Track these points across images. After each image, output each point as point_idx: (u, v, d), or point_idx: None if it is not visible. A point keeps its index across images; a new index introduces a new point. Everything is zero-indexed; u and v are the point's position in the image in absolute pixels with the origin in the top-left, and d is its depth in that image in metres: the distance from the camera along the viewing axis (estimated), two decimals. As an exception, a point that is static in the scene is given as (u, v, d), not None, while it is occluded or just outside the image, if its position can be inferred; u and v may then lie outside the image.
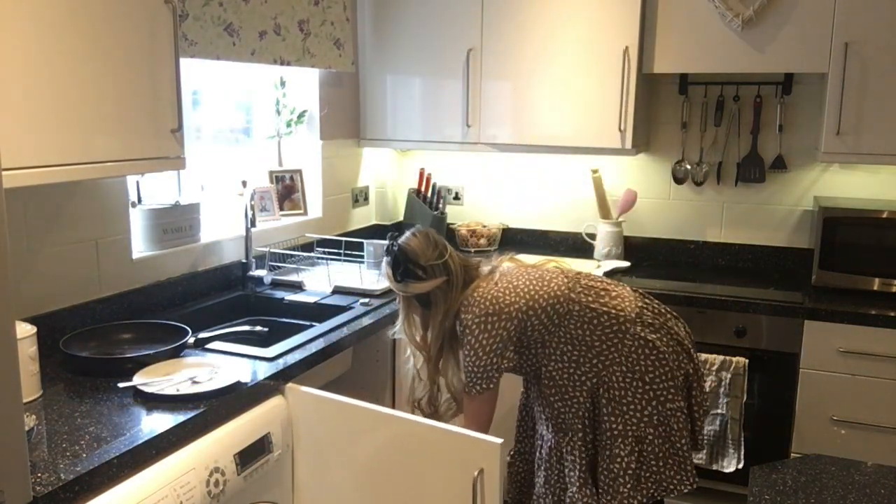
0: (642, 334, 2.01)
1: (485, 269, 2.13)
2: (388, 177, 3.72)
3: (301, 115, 3.15)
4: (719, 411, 2.68)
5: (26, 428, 1.30)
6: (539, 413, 2.17)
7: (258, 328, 2.32)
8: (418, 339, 2.14)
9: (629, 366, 2.00)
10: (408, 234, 2.12)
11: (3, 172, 1.28)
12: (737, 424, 2.66)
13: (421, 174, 3.56)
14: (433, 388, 2.18)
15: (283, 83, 3.08)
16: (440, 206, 3.52)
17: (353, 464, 1.89)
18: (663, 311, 2.12)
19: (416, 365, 2.19)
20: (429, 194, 3.54)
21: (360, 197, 3.53)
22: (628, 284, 2.86)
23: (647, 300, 2.13)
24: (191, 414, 1.63)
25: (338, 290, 2.66)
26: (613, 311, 2.02)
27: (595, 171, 3.27)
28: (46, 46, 1.58)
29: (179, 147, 1.94)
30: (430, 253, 2.06)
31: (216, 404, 1.70)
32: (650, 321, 2.05)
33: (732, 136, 3.18)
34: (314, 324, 2.36)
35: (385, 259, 2.12)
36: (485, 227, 3.50)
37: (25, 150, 1.55)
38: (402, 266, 2.04)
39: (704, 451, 2.72)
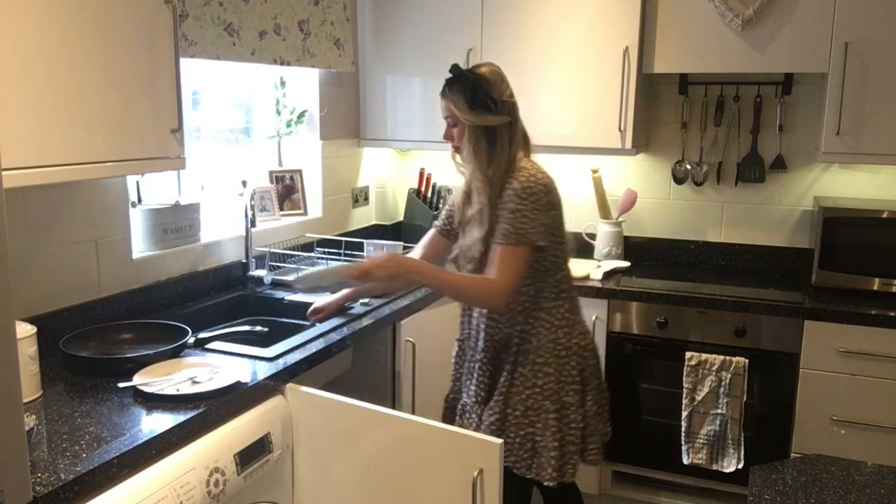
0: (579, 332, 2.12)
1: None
2: (388, 177, 3.72)
3: (301, 115, 3.15)
4: (719, 411, 2.68)
5: (26, 428, 1.30)
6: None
7: (258, 328, 2.32)
8: (489, 171, 2.05)
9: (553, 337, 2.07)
10: (479, 64, 2.11)
11: (3, 172, 1.28)
12: (737, 424, 2.66)
13: (421, 174, 3.56)
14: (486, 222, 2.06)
15: (283, 83, 3.08)
16: (440, 206, 3.52)
17: (353, 464, 1.89)
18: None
19: (461, 206, 2.17)
20: (429, 194, 3.54)
21: (360, 197, 3.53)
22: (628, 284, 2.89)
23: None
24: (191, 414, 1.63)
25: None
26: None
27: (595, 171, 3.27)
28: (46, 47, 1.58)
29: (179, 147, 1.94)
30: (503, 88, 2.06)
31: (216, 404, 1.70)
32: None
33: (732, 136, 3.18)
34: (314, 324, 2.36)
35: (450, 87, 2.07)
36: (485, 227, 3.50)
37: (25, 150, 1.55)
38: (477, 95, 2.02)
39: (704, 451, 2.72)
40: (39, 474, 1.36)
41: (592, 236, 3.35)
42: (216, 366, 1.88)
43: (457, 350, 2.30)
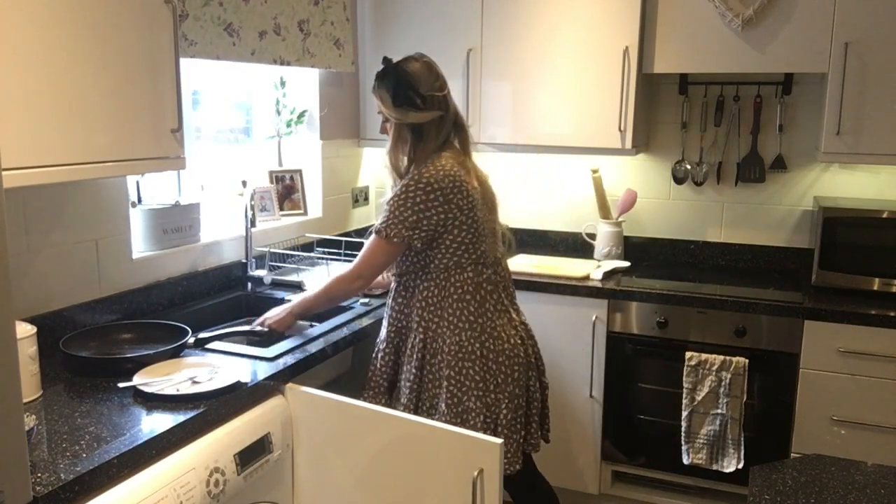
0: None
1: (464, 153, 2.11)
2: (388, 177, 3.71)
3: (301, 115, 3.15)
4: (719, 411, 2.68)
5: (26, 428, 1.30)
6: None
7: (258, 328, 2.32)
8: (403, 169, 2.09)
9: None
10: (408, 57, 2.04)
11: (3, 172, 1.28)
12: (737, 424, 2.66)
13: (421, 174, 3.55)
14: None
15: (283, 83, 3.08)
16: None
17: (352, 464, 1.89)
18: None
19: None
20: (429, 194, 3.53)
21: (360, 197, 3.53)
22: (628, 284, 2.88)
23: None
24: (191, 414, 1.63)
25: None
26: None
27: (595, 171, 3.27)
28: (46, 46, 1.58)
29: (179, 147, 1.94)
30: (432, 82, 1.99)
31: (216, 404, 1.70)
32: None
33: (732, 136, 3.18)
34: (314, 324, 2.36)
35: (378, 82, 2.02)
36: (485, 227, 3.50)
37: (25, 150, 1.55)
38: (403, 92, 1.97)
39: (704, 451, 2.72)
40: (39, 474, 1.36)
41: (592, 236, 3.35)
42: (216, 366, 1.88)
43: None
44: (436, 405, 2.07)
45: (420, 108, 1.99)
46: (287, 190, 3.13)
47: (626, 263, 3.16)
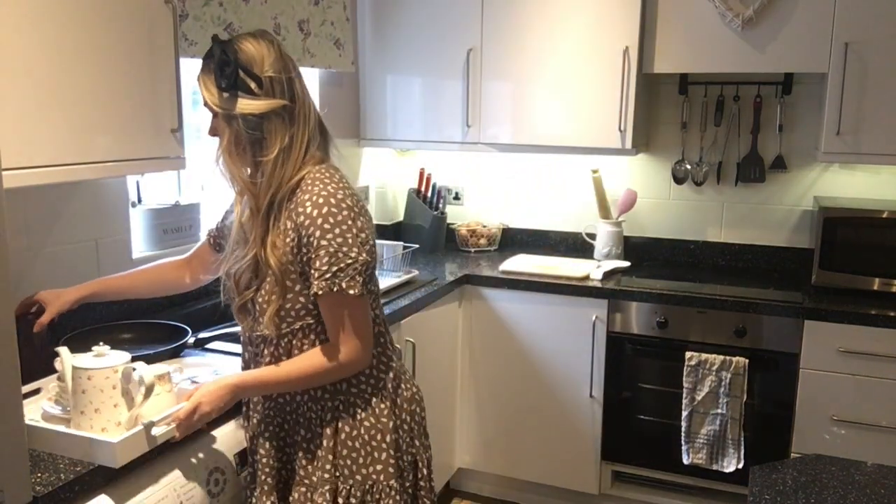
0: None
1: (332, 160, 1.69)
2: (388, 177, 3.72)
3: (301, 115, 3.14)
4: (719, 411, 2.68)
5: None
6: None
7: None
8: (246, 176, 1.57)
9: None
10: (246, 34, 1.57)
11: (3, 172, 1.28)
12: (737, 424, 2.66)
13: (421, 174, 3.56)
14: (255, 260, 1.57)
15: (283, 83, 3.07)
16: (440, 206, 3.52)
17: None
18: None
19: (238, 217, 1.62)
20: (429, 194, 3.54)
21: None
22: (628, 284, 2.88)
23: None
24: (191, 414, 1.63)
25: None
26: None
27: (595, 171, 3.27)
28: (46, 46, 1.58)
29: (179, 147, 1.94)
30: (271, 61, 1.53)
31: (216, 404, 1.69)
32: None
33: (732, 136, 3.18)
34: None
35: (205, 61, 1.55)
36: (485, 227, 3.50)
37: (25, 150, 1.55)
38: (231, 70, 1.49)
39: (704, 451, 2.72)
40: (39, 474, 1.36)
41: (592, 236, 3.35)
42: (216, 366, 1.88)
43: None
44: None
45: (254, 94, 1.52)
46: (287, 190, 3.12)
47: (626, 263, 3.16)
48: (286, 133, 1.57)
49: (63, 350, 1.51)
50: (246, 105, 1.52)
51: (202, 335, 2.09)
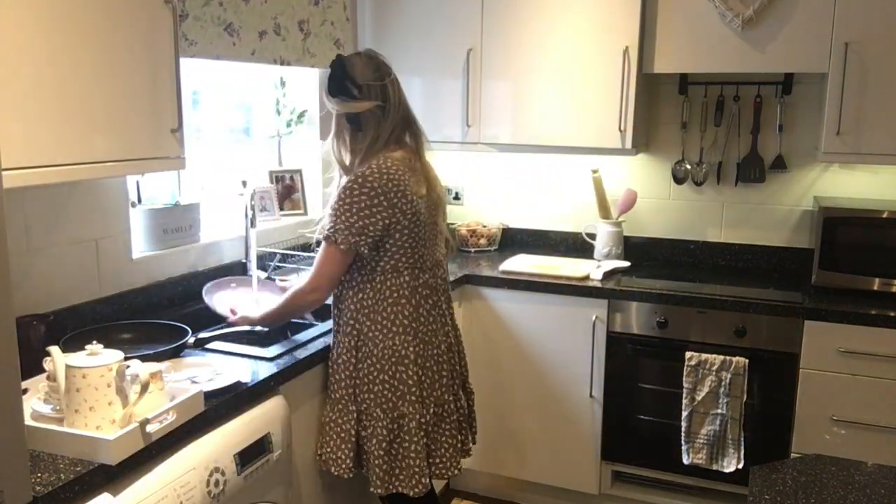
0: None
1: (412, 149, 2.07)
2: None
3: (301, 115, 3.15)
4: (719, 411, 2.68)
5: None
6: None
7: (258, 328, 2.32)
8: (346, 161, 2.05)
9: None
10: (354, 53, 2.07)
11: (3, 172, 1.28)
12: (737, 424, 2.66)
13: (421, 174, 3.55)
14: None
15: (283, 83, 3.08)
16: (440, 206, 3.52)
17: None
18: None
19: (337, 187, 2.06)
20: (429, 194, 3.53)
21: (360, 197, 3.52)
22: (628, 284, 2.88)
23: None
24: (191, 414, 1.63)
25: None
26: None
27: (595, 171, 3.27)
28: (47, 46, 1.58)
29: (179, 147, 1.94)
30: (368, 73, 1.99)
31: (216, 404, 1.70)
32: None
33: (732, 136, 3.18)
34: (315, 323, 2.36)
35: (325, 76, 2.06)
36: (485, 227, 3.50)
37: (25, 150, 1.55)
38: (338, 81, 1.99)
39: (704, 451, 2.72)
40: (39, 474, 1.36)
41: (592, 236, 3.35)
42: (216, 366, 1.88)
43: None
44: (370, 410, 2.02)
45: (355, 98, 1.98)
46: (287, 190, 3.13)
47: (626, 263, 3.16)
48: (378, 126, 2.00)
49: (54, 350, 1.51)
50: (346, 106, 2.00)
51: (202, 335, 2.09)
